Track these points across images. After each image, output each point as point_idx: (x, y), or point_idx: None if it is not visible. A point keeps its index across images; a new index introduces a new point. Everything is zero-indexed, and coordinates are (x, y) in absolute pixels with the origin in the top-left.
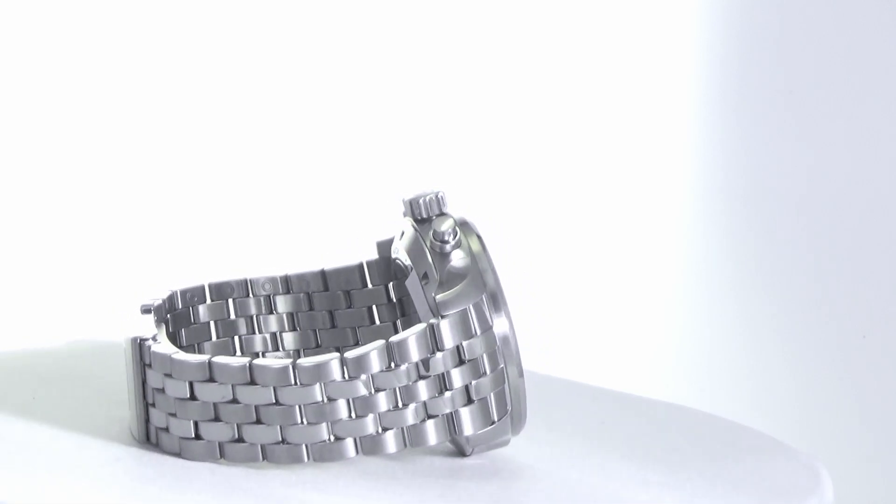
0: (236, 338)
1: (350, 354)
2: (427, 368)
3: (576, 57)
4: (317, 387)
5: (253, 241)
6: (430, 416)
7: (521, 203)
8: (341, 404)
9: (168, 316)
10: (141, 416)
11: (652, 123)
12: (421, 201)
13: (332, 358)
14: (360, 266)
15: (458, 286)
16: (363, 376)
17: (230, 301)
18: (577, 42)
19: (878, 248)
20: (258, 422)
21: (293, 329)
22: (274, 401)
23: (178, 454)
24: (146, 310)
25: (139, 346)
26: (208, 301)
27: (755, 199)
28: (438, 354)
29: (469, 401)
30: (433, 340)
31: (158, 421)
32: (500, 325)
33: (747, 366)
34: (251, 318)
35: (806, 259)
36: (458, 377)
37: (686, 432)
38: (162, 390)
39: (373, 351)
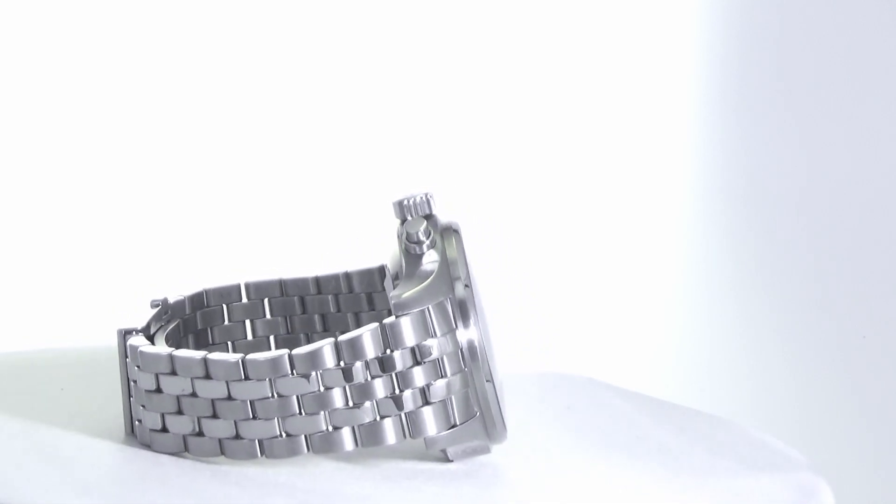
0: (271, 338)
1: (298, 351)
2: (383, 367)
3: (575, 57)
4: (266, 383)
5: (252, 243)
6: (384, 416)
7: (521, 203)
8: (293, 401)
9: (197, 314)
10: (126, 406)
11: (652, 123)
12: (408, 202)
13: (282, 354)
14: (379, 269)
15: (417, 287)
16: (313, 373)
17: (265, 301)
18: (576, 42)
19: (878, 248)
20: (214, 416)
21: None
22: (227, 395)
23: (149, 446)
24: (154, 304)
25: (124, 337)
26: (244, 300)
27: (755, 199)
28: (393, 353)
29: (426, 402)
30: (385, 339)
31: (136, 412)
32: (467, 333)
33: (747, 366)
34: (286, 318)
35: (806, 259)
36: (414, 377)
37: (684, 431)
38: (136, 382)
39: (323, 347)
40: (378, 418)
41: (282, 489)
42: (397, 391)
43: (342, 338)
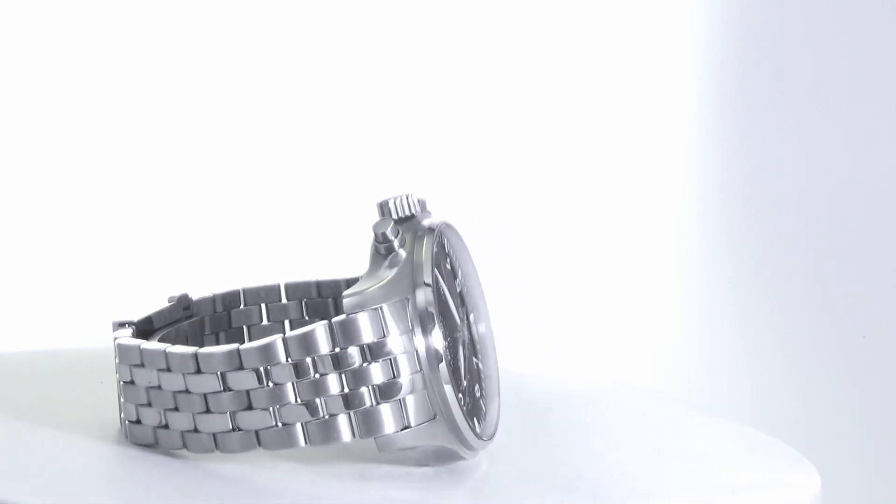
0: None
1: (247, 346)
2: (333, 364)
3: (575, 57)
4: (216, 376)
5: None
6: (333, 414)
7: (520, 203)
8: (243, 395)
9: (231, 312)
10: (118, 398)
11: (652, 123)
12: (388, 203)
13: (232, 349)
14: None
15: (372, 286)
16: (261, 368)
17: (303, 303)
18: (576, 42)
19: (878, 248)
20: (176, 409)
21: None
22: (185, 388)
23: (126, 437)
24: (171, 299)
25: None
26: (283, 300)
27: (755, 199)
28: (342, 351)
29: (376, 401)
30: (334, 336)
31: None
32: (426, 336)
33: (746, 365)
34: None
35: (806, 259)
36: (364, 376)
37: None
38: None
39: (274, 342)
40: (327, 416)
41: (286, 494)
42: (347, 389)
43: (291, 333)
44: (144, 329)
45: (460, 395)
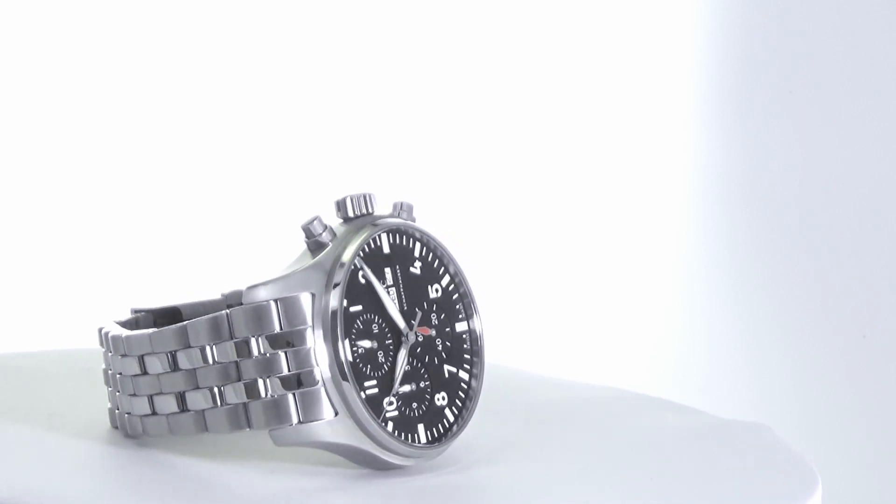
0: None
1: (135, 333)
2: (214, 357)
3: (574, 56)
4: (118, 359)
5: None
6: (224, 404)
7: (520, 203)
8: (127, 381)
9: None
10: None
11: (652, 123)
12: (347, 201)
13: (123, 335)
14: None
15: (267, 280)
16: (148, 356)
17: None
18: (575, 41)
19: (878, 247)
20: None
21: None
22: (115, 369)
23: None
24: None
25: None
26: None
27: (755, 198)
28: (226, 344)
29: (260, 395)
30: (216, 329)
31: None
32: (327, 339)
33: (746, 365)
34: None
35: (806, 259)
36: (247, 370)
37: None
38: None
39: (161, 332)
40: (212, 406)
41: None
42: (229, 382)
43: (178, 325)
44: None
45: (375, 397)
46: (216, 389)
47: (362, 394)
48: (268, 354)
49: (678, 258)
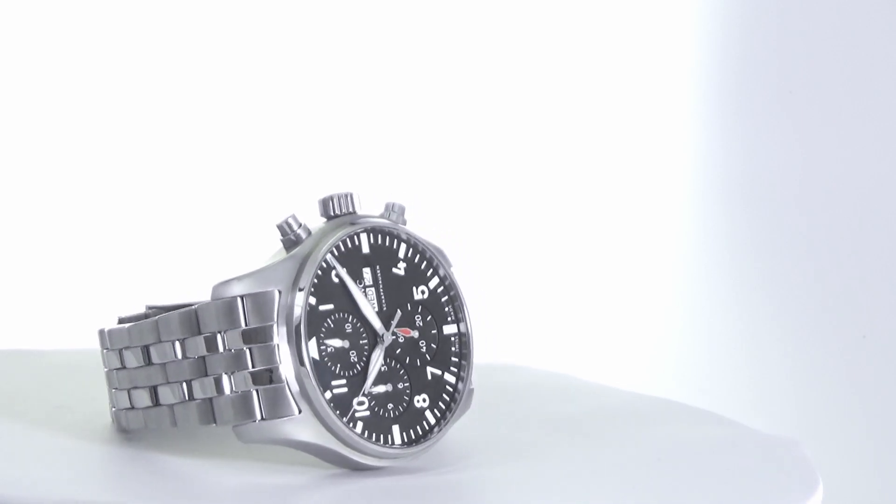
0: None
1: (115, 327)
2: (184, 352)
3: (574, 56)
4: (102, 353)
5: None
6: (192, 399)
7: (519, 204)
8: (112, 375)
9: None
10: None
11: (651, 122)
12: (331, 199)
13: (106, 329)
14: None
15: (237, 276)
16: (120, 349)
17: None
18: (575, 41)
19: (878, 247)
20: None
21: None
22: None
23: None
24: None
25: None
26: None
27: (755, 198)
28: (196, 339)
29: (224, 391)
30: (185, 324)
31: None
32: (290, 336)
33: (746, 365)
34: None
35: (806, 259)
36: (212, 365)
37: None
38: None
39: (138, 325)
40: (181, 401)
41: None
42: (198, 377)
43: (152, 319)
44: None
45: (343, 396)
46: (185, 385)
47: (328, 393)
48: (233, 350)
49: (678, 258)
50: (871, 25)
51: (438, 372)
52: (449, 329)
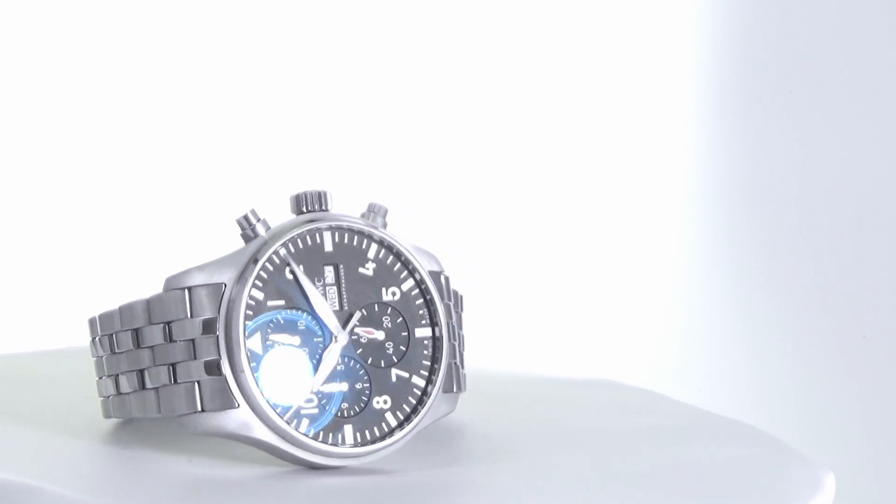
0: None
1: (96, 315)
2: (137, 341)
3: (574, 56)
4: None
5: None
6: (144, 388)
7: (519, 204)
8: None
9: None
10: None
11: (652, 122)
12: (303, 196)
13: (93, 316)
14: None
15: (191, 269)
16: (96, 338)
17: None
18: (574, 41)
19: (878, 247)
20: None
21: None
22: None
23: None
24: None
25: None
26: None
27: (755, 198)
28: (152, 328)
29: (170, 381)
30: (142, 313)
31: None
32: (230, 329)
33: (746, 365)
34: None
35: (806, 259)
36: (161, 355)
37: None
38: None
39: (109, 313)
40: (135, 390)
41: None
42: (151, 366)
43: (116, 308)
44: None
45: (281, 389)
46: (138, 374)
47: (264, 386)
48: (178, 341)
49: (678, 258)
50: (871, 25)
51: (405, 374)
52: (422, 332)
